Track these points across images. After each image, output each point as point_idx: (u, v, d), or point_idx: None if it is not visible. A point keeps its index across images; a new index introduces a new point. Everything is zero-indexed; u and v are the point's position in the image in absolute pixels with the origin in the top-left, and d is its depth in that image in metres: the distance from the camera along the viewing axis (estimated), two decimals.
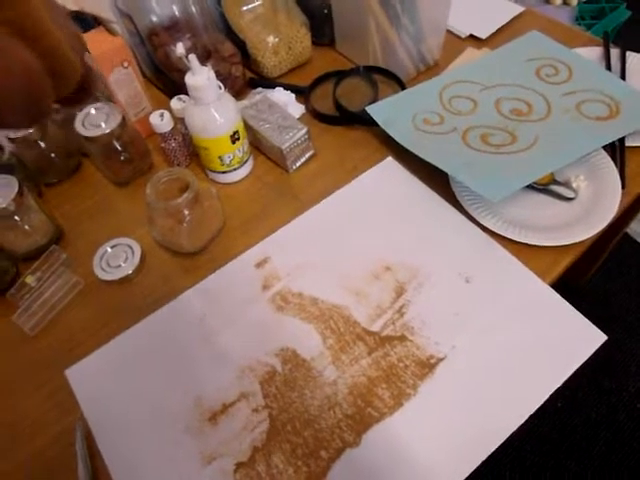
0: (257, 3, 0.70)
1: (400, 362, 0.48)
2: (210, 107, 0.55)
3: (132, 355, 0.51)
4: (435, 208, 0.58)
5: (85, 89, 0.22)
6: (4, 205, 0.53)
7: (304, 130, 0.61)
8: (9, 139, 0.61)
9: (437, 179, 0.59)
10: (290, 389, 0.47)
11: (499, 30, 0.78)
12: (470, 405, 0.45)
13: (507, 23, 0.79)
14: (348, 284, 0.53)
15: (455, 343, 0.49)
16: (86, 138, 0.59)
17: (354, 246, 0.56)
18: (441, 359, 0.48)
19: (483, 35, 0.77)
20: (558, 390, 0.45)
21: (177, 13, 0.64)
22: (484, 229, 0.55)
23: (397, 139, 0.61)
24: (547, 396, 0.45)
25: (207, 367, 0.50)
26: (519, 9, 0.82)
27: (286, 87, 0.71)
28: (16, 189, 0.55)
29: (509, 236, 0.54)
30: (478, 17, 0.80)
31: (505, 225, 0.55)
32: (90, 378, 0.50)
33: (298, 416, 0.46)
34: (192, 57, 0.51)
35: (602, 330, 0.48)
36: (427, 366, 0.47)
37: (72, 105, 0.23)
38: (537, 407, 0.44)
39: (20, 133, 0.60)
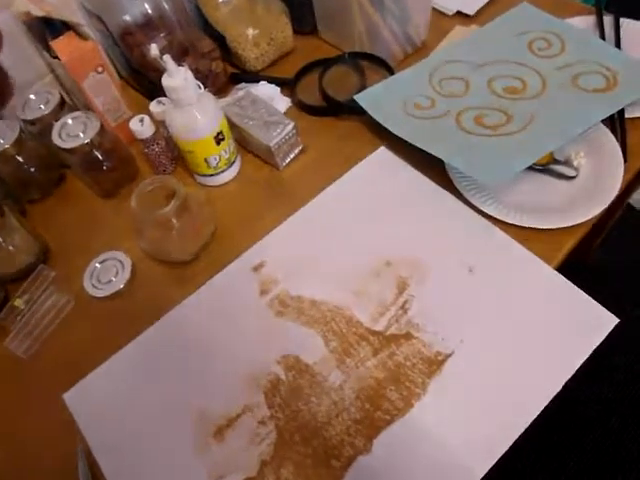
0: None
1: (407, 361, 0.46)
2: (191, 108, 0.52)
3: (130, 374, 0.49)
4: (432, 197, 0.56)
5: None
6: None
7: (291, 125, 0.58)
8: None
9: (433, 166, 0.57)
10: (295, 397, 0.46)
11: (487, 5, 0.75)
12: (483, 400, 0.44)
13: None
14: (348, 283, 0.51)
15: (462, 337, 0.47)
16: (65, 150, 0.56)
17: (352, 242, 0.54)
18: (449, 355, 0.46)
19: (471, 11, 0.74)
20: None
21: (149, 10, 0.61)
22: (484, 215, 0.53)
23: (388, 127, 0.59)
24: (562, 383, 0.43)
25: (208, 380, 0.48)
26: None
27: (270, 80, 0.68)
28: None
29: (510, 221, 0.52)
30: None
31: (505, 210, 0.53)
32: (88, 401, 0.48)
33: (305, 425, 0.44)
34: (167, 57, 0.49)
35: (611, 307, 0.46)
36: (435, 363, 0.46)
37: None
38: (552, 396, 0.43)
39: None
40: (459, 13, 0.75)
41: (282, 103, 0.67)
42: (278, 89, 0.68)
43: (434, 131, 0.58)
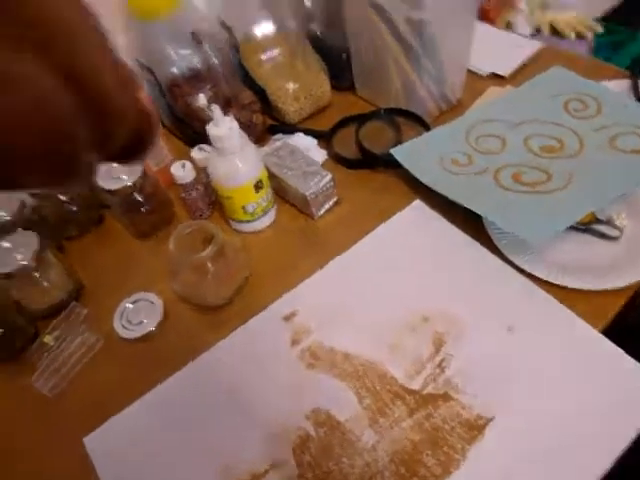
0: (276, 51, 0.70)
1: (445, 424, 0.44)
2: (234, 156, 0.53)
3: (153, 419, 0.48)
4: (470, 252, 0.55)
5: (142, 140, 0.16)
6: (25, 262, 0.52)
7: (329, 176, 0.59)
8: (31, 194, 0.60)
9: (470, 222, 0.56)
10: (326, 456, 0.44)
11: (520, 67, 0.77)
12: (527, 470, 0.41)
13: (528, 60, 0.78)
14: (382, 337, 0.50)
15: (504, 400, 0.45)
16: (107, 191, 0.58)
17: (386, 295, 0.53)
18: (490, 419, 0.44)
19: (505, 73, 0.76)
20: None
21: (198, 64, 0.64)
22: (524, 273, 0.52)
23: (425, 181, 0.59)
24: (612, 460, 0.40)
25: (234, 432, 0.46)
26: (537, 45, 0.81)
27: (307, 132, 0.70)
28: (36, 245, 0.53)
29: (552, 280, 0.51)
30: (498, 55, 0.79)
31: (546, 269, 0.51)
32: (109, 446, 0.47)
33: None
34: (215, 107, 0.50)
35: None
36: (475, 428, 0.43)
37: (127, 161, 0.17)
38: (602, 473, 0.40)
39: None
40: (493, 74, 0.77)
41: (318, 155, 0.68)
42: (315, 141, 0.69)
43: (472, 187, 0.57)
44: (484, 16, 0.89)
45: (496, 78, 0.77)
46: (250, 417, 0.47)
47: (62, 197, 0.61)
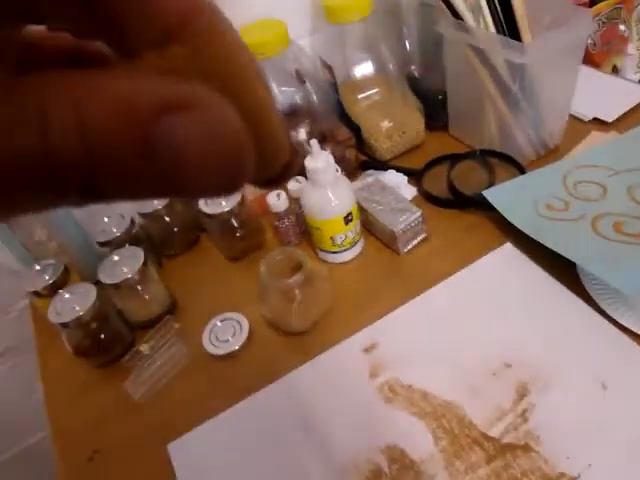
0: (373, 90, 0.73)
1: (524, 477, 0.42)
2: (327, 189, 0.56)
3: (234, 435, 0.50)
4: (562, 301, 0.53)
5: (288, 172, 0.18)
6: (130, 275, 0.57)
7: (418, 213, 0.60)
8: (140, 214, 0.66)
9: (563, 270, 0.54)
10: None
11: (626, 113, 0.74)
12: None
13: (635, 106, 0.75)
14: (463, 380, 0.49)
15: (591, 461, 0.42)
16: (207, 215, 0.62)
17: (469, 338, 0.52)
18: (575, 478, 0.41)
19: (609, 118, 0.73)
20: None
21: (299, 101, 0.68)
22: (621, 327, 0.49)
23: (517, 225, 0.58)
24: None
25: (308, 458, 0.47)
26: None
27: (398, 169, 0.71)
28: (142, 260, 0.58)
29: None
30: (602, 100, 0.76)
31: None
32: (191, 454, 0.49)
33: None
34: (314, 142, 0.53)
35: None
36: None
37: (268, 187, 0.19)
38: None
39: (151, 209, 0.65)
40: (596, 119, 0.75)
41: (408, 192, 0.69)
42: (405, 178, 0.70)
43: (567, 233, 0.55)
44: (589, 60, 0.86)
45: (599, 124, 0.74)
46: (324, 445, 0.47)
47: (167, 218, 0.67)
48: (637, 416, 0.44)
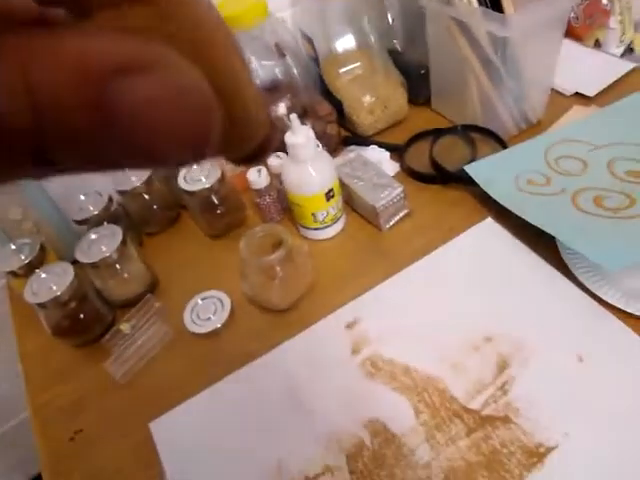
0: (355, 64, 0.72)
1: (504, 447, 0.43)
2: (307, 165, 0.55)
3: (216, 411, 0.50)
4: (542, 275, 0.53)
5: (266, 148, 0.17)
6: (108, 254, 0.56)
7: (400, 189, 0.59)
8: (118, 191, 0.64)
9: (543, 244, 0.55)
10: (379, 467, 0.43)
11: (608, 88, 0.74)
12: None
13: (617, 80, 0.75)
14: (444, 354, 0.49)
15: (568, 430, 0.43)
16: (187, 192, 0.61)
17: (451, 313, 0.52)
18: (552, 448, 0.42)
19: (590, 93, 0.73)
20: None
21: (280, 76, 0.67)
22: (599, 301, 0.50)
23: (498, 199, 0.58)
24: None
25: (292, 431, 0.47)
26: (629, 66, 0.77)
27: (380, 145, 0.70)
28: (120, 238, 0.57)
29: (630, 310, 0.48)
30: (584, 74, 0.76)
31: (625, 297, 0.49)
32: (173, 432, 0.49)
33: None
34: (293, 117, 0.52)
35: None
36: (535, 455, 0.42)
37: (247, 163, 0.18)
38: None
39: (128, 186, 0.63)
40: (577, 94, 0.75)
41: (390, 167, 0.68)
42: (387, 154, 0.69)
43: (548, 208, 0.56)
44: (572, 33, 0.86)
45: (581, 98, 0.74)
46: (307, 420, 0.47)
47: (146, 196, 0.65)
48: (613, 387, 0.45)
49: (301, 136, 0.53)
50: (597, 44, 0.92)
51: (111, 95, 0.10)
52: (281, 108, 0.51)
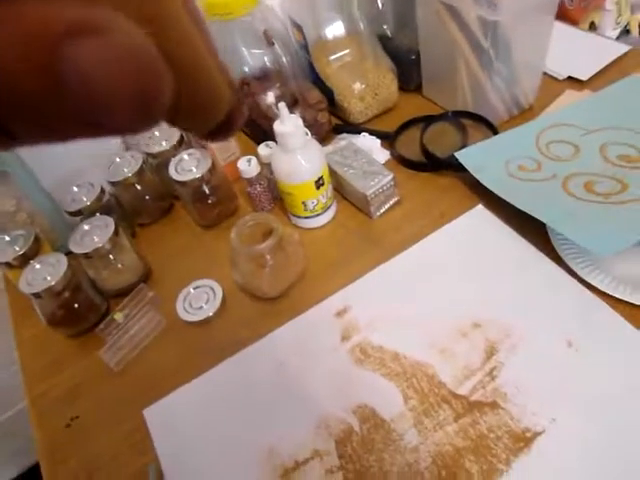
0: (345, 51, 0.71)
1: (491, 432, 0.43)
2: (296, 153, 0.55)
3: (209, 398, 0.51)
4: (531, 261, 0.54)
5: (232, 123, 0.17)
6: (101, 244, 0.56)
7: (390, 176, 0.59)
8: (110, 182, 0.65)
9: (533, 230, 0.55)
10: (367, 451, 0.44)
11: (601, 71, 0.73)
12: None
13: (611, 64, 0.74)
14: (433, 340, 0.50)
15: (556, 416, 0.43)
16: (178, 182, 0.61)
17: (440, 299, 0.53)
18: (539, 433, 0.42)
19: (583, 77, 0.72)
20: None
21: (268, 64, 0.66)
22: (589, 287, 0.50)
23: (489, 186, 0.58)
24: None
25: (282, 417, 0.48)
26: (624, 48, 0.76)
27: (371, 132, 0.70)
28: (112, 229, 0.57)
29: (619, 296, 0.48)
30: (577, 58, 0.76)
31: (614, 283, 0.49)
32: (167, 419, 0.50)
33: None
34: (282, 106, 0.52)
35: None
36: (522, 440, 0.42)
37: (214, 138, 0.18)
38: None
39: (120, 177, 0.64)
40: (570, 78, 0.74)
41: (381, 155, 0.68)
42: (378, 141, 0.69)
43: (538, 194, 0.56)
44: (566, 16, 0.85)
45: (573, 82, 0.74)
46: (297, 406, 0.48)
47: (138, 187, 0.65)
48: (602, 372, 0.45)
49: (290, 125, 0.53)
50: (593, 27, 0.91)
51: (61, 58, 0.10)
52: (270, 97, 0.51)
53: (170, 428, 0.49)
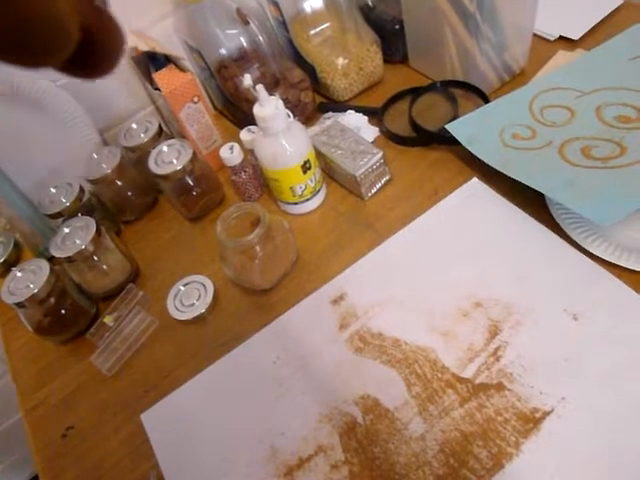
0: (325, 25, 0.68)
1: (498, 415, 0.42)
2: (279, 137, 0.52)
3: (206, 399, 0.49)
4: (531, 234, 0.51)
5: (95, 51, 0.14)
6: (83, 246, 0.54)
7: (379, 154, 0.57)
8: (89, 180, 0.62)
9: (531, 201, 0.52)
10: (372, 443, 0.43)
11: (594, 28, 0.70)
12: (585, 469, 0.38)
13: (603, 19, 0.71)
14: (433, 323, 0.48)
15: (564, 394, 0.41)
16: (159, 176, 0.58)
17: (438, 279, 0.51)
18: (548, 412, 0.41)
19: (575, 36, 0.69)
20: None
21: (245, 44, 0.63)
22: (591, 256, 0.48)
23: (483, 158, 0.55)
24: None
25: (282, 414, 0.46)
26: (617, 2, 0.73)
27: (358, 109, 0.67)
28: (94, 229, 0.55)
29: (623, 264, 0.46)
30: (568, 16, 0.72)
31: (617, 251, 0.47)
32: (165, 423, 0.48)
33: (382, 475, 0.41)
34: (259, 87, 0.49)
35: None
36: (531, 420, 0.41)
37: (77, 73, 0.14)
38: None
39: (99, 174, 0.61)
40: (562, 38, 0.71)
41: (369, 132, 0.65)
42: (365, 118, 0.66)
43: (535, 163, 0.53)
44: None
45: (565, 42, 0.70)
46: (297, 401, 0.46)
47: (119, 183, 0.63)
48: (609, 344, 0.43)
49: (270, 107, 0.50)
50: None
51: None
52: (246, 79, 0.48)
53: (169, 432, 0.48)
